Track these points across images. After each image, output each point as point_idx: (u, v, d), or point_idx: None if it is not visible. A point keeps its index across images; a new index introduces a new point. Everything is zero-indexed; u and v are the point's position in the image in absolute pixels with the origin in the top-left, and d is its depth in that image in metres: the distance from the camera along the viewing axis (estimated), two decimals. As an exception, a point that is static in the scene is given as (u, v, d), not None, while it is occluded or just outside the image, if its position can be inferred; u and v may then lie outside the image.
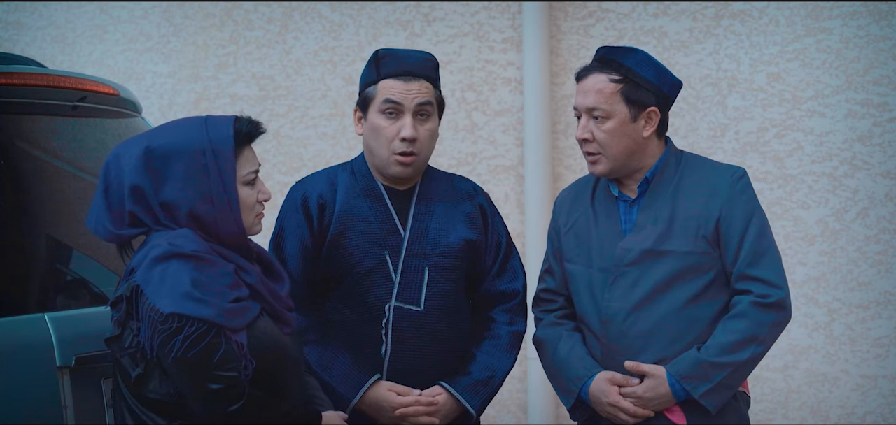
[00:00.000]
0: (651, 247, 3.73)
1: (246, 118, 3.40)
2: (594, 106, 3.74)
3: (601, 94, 3.74)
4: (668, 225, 3.74)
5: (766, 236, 3.76)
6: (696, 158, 3.86)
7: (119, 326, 3.30)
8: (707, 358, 3.67)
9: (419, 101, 3.84)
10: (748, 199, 3.76)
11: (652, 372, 3.70)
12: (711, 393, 3.67)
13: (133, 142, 3.37)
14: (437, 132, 3.93)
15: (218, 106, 6.68)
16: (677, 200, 3.76)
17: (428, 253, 3.87)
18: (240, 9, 6.67)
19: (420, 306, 3.85)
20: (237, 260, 3.36)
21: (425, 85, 3.87)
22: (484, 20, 6.35)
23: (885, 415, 5.82)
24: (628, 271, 3.75)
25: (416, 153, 3.86)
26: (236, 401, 3.22)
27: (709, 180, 3.77)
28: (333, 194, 3.92)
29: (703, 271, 3.72)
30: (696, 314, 3.72)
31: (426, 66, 3.90)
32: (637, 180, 3.80)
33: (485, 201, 4.01)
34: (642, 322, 3.73)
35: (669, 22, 6.08)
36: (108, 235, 3.36)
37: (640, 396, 3.71)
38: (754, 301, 3.69)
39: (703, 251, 3.72)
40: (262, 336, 3.32)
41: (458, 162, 6.35)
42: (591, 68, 3.79)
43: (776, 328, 3.73)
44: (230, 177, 3.33)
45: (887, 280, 5.81)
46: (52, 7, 7.00)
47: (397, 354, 3.84)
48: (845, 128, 5.85)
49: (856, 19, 5.82)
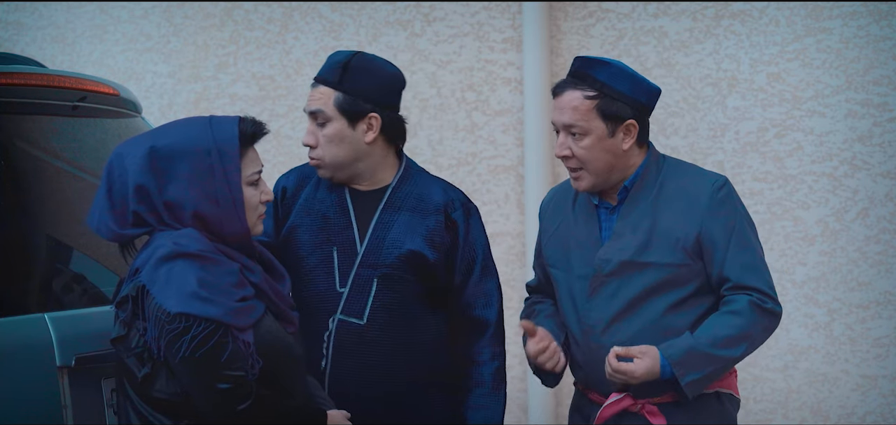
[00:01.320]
0: (631, 258, 3.71)
1: (250, 119, 3.41)
2: (571, 123, 3.71)
3: (577, 110, 3.70)
4: (647, 235, 3.71)
5: (750, 247, 3.72)
6: (678, 164, 3.83)
7: (125, 326, 3.30)
8: (701, 347, 3.64)
9: (310, 109, 3.84)
10: (730, 210, 3.71)
11: (643, 351, 3.64)
12: (697, 383, 3.65)
13: (136, 141, 3.37)
14: (348, 136, 3.80)
15: (218, 106, 6.68)
16: (657, 209, 3.73)
17: (379, 263, 3.80)
18: (240, 9, 6.67)
19: (363, 319, 3.79)
20: (242, 259, 3.36)
21: (320, 91, 3.82)
22: (484, 20, 6.35)
23: (885, 415, 5.82)
24: (608, 282, 3.73)
25: (318, 156, 3.84)
26: (244, 401, 3.22)
27: (689, 190, 3.73)
28: (300, 188, 3.92)
29: (684, 282, 3.71)
30: (675, 322, 3.70)
31: (330, 71, 3.84)
32: (617, 188, 3.78)
33: (461, 216, 3.89)
34: (621, 333, 3.71)
35: (669, 22, 6.08)
36: (110, 235, 3.36)
37: (634, 372, 3.63)
38: (754, 301, 3.68)
39: (682, 263, 3.69)
40: (267, 335, 3.33)
41: (458, 162, 6.35)
42: (566, 84, 3.74)
43: (767, 332, 3.73)
44: (235, 177, 3.34)
45: (887, 280, 5.81)
46: (52, 7, 7.00)
47: (337, 367, 3.78)
48: (845, 128, 5.85)
49: (856, 19, 5.82)
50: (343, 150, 3.81)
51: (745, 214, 3.76)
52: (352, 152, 3.83)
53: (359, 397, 3.75)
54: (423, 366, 3.85)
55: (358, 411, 3.69)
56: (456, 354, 3.90)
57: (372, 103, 3.80)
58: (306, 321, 3.74)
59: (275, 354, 3.33)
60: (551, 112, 3.80)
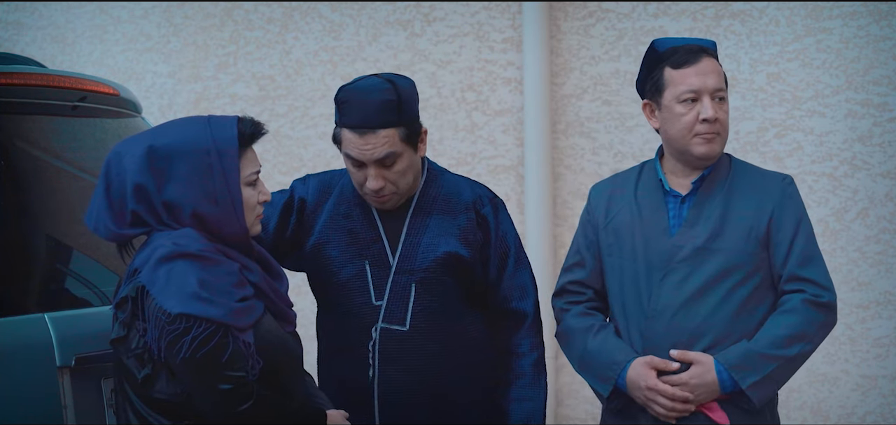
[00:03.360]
0: (703, 245, 3.74)
1: (249, 119, 3.40)
2: (719, 86, 3.76)
3: (721, 76, 3.78)
4: (719, 223, 3.75)
5: (813, 241, 3.79)
6: (745, 163, 3.90)
7: (125, 327, 3.29)
8: (757, 349, 3.66)
9: (377, 157, 3.68)
10: (797, 204, 3.80)
11: (699, 360, 3.68)
12: (758, 385, 3.66)
13: (134, 140, 3.36)
14: (415, 161, 3.76)
15: (218, 106, 6.68)
16: (730, 200, 3.78)
17: (415, 269, 3.79)
18: (240, 9, 6.67)
19: (405, 326, 3.78)
20: (241, 259, 3.36)
21: (384, 135, 3.66)
22: (484, 20, 6.35)
23: (885, 415, 5.82)
24: (678, 267, 3.74)
25: (389, 193, 3.75)
26: (245, 401, 3.22)
27: (760, 184, 3.81)
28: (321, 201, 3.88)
29: (752, 272, 3.73)
30: (744, 315, 3.72)
31: (384, 112, 3.67)
32: (691, 177, 3.81)
33: (490, 211, 3.88)
34: (691, 317, 3.72)
35: (669, 22, 6.08)
36: (108, 234, 3.36)
37: (686, 382, 3.68)
38: (807, 298, 3.71)
39: (753, 251, 3.73)
40: (266, 335, 3.32)
41: (458, 162, 6.35)
42: (699, 51, 3.78)
43: (824, 329, 3.74)
44: (234, 177, 3.33)
45: (887, 280, 5.81)
46: (52, 7, 7.00)
47: (385, 375, 3.78)
48: (845, 128, 5.85)
49: (856, 19, 5.82)
50: (413, 174, 3.79)
51: (807, 213, 3.84)
52: (417, 172, 3.82)
53: (408, 403, 3.78)
54: (468, 365, 3.85)
55: (408, 416, 3.76)
56: (496, 349, 3.90)
57: (418, 120, 3.79)
58: (345, 335, 3.78)
59: (274, 354, 3.33)
60: (685, 79, 3.77)
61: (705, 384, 3.67)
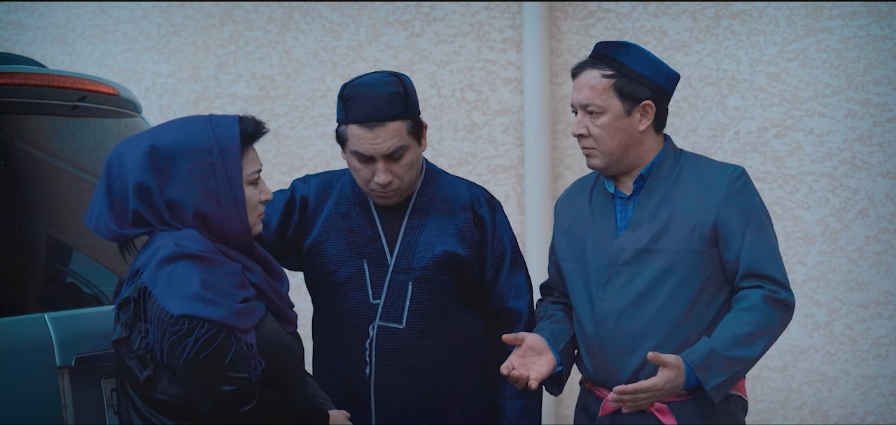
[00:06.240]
0: (645, 246, 3.72)
1: (250, 118, 3.40)
2: (587, 102, 3.73)
3: (594, 89, 3.73)
4: (664, 223, 3.72)
5: (767, 235, 3.73)
6: (695, 157, 3.84)
7: (126, 328, 3.29)
8: (722, 351, 3.62)
9: (387, 150, 3.72)
10: (746, 198, 3.73)
11: (674, 364, 3.61)
12: (721, 386, 3.64)
13: (135, 139, 3.36)
14: (419, 156, 3.81)
15: (218, 106, 6.68)
16: (673, 198, 3.74)
17: (413, 267, 3.81)
18: (240, 9, 6.67)
19: (402, 323, 3.80)
20: (242, 259, 3.35)
21: (393, 127, 3.72)
22: (484, 20, 6.35)
23: (885, 415, 5.82)
24: (622, 270, 3.74)
25: (396, 188, 3.78)
26: (248, 403, 3.22)
27: (707, 179, 3.75)
28: (322, 200, 3.90)
29: (699, 270, 3.70)
30: (696, 312, 3.70)
31: (393, 104, 3.72)
32: (633, 176, 3.79)
33: (487, 212, 3.92)
34: (635, 320, 3.71)
35: (669, 22, 6.08)
36: (110, 234, 3.35)
37: (661, 387, 3.62)
38: (767, 295, 3.67)
39: (698, 249, 3.70)
40: (268, 335, 3.32)
41: (458, 162, 6.35)
42: (585, 64, 3.78)
43: (783, 326, 3.71)
44: (237, 176, 3.33)
45: (887, 280, 5.81)
46: (52, 7, 7.00)
47: (381, 373, 3.80)
48: (845, 128, 5.85)
49: (856, 19, 5.82)
50: (416, 169, 3.83)
51: (762, 205, 3.77)
52: (420, 167, 3.87)
53: (405, 401, 3.79)
54: (464, 364, 3.88)
55: (405, 414, 3.77)
56: (491, 348, 3.91)
57: (420, 115, 3.84)
58: (342, 333, 3.80)
59: (276, 355, 3.33)
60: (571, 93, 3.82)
61: (677, 387, 3.65)
